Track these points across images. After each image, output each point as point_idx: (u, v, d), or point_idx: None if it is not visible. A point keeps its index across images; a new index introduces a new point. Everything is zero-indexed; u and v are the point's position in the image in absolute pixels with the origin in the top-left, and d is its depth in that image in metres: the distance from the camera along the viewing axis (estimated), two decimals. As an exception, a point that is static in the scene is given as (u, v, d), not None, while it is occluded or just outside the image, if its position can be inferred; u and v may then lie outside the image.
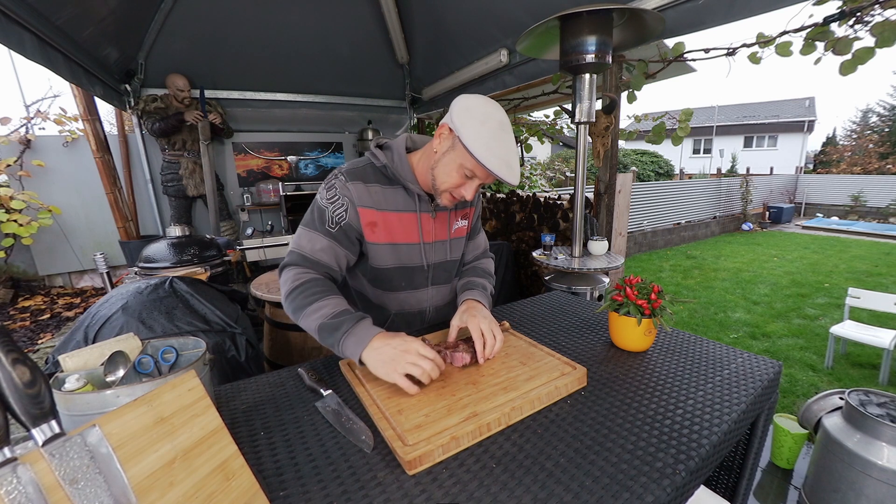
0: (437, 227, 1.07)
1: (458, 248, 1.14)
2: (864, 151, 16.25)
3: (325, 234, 0.96)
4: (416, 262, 1.07)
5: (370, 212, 0.98)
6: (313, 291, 0.88)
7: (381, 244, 1.01)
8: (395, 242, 1.02)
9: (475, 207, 1.17)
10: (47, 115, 3.70)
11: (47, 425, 0.39)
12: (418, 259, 1.07)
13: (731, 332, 3.81)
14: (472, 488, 0.57)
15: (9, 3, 1.59)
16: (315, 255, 0.95)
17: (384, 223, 1.00)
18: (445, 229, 1.09)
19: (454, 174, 0.91)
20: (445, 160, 0.91)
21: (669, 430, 0.68)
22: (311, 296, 0.87)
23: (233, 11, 3.10)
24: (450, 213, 1.09)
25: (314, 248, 0.95)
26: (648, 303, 0.91)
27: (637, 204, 7.53)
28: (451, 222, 1.10)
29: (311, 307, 0.86)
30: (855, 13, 1.46)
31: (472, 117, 0.85)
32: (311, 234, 0.96)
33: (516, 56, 2.74)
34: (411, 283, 1.10)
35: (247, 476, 0.54)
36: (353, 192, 0.96)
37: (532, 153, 9.42)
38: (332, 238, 0.96)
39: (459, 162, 0.89)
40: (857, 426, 1.02)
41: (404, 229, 1.03)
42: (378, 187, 0.99)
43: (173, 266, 2.24)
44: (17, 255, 3.64)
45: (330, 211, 0.96)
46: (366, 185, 0.98)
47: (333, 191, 0.97)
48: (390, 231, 1.01)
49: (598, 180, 2.31)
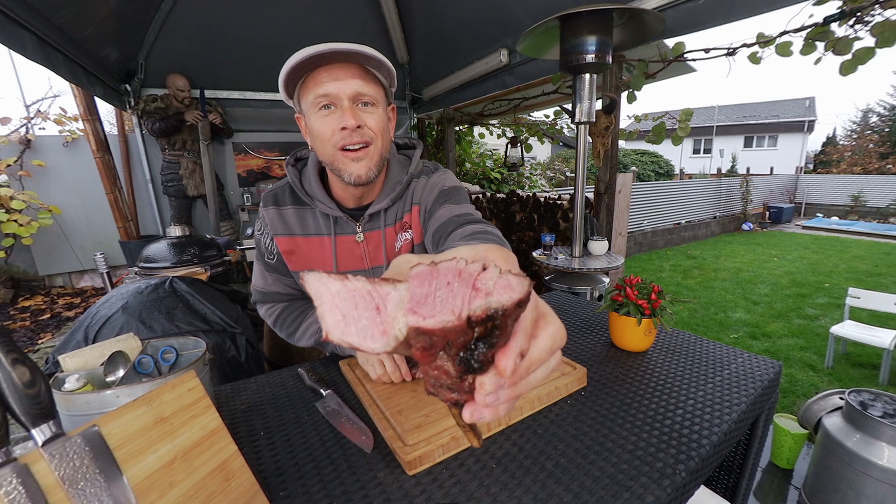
0: (370, 250, 0.88)
1: None
2: (864, 151, 16.26)
3: (268, 269, 0.91)
4: None
5: (284, 240, 0.88)
6: (291, 319, 0.89)
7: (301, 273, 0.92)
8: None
9: (419, 204, 0.87)
10: (47, 115, 3.70)
11: (47, 425, 0.39)
12: None
13: (732, 332, 3.81)
14: (472, 488, 0.57)
15: (9, 3, 1.59)
16: (269, 289, 0.93)
17: (304, 250, 0.87)
18: (381, 252, 0.88)
19: (316, 126, 0.73)
20: (310, 129, 0.76)
21: (669, 430, 0.68)
22: (292, 323, 0.89)
23: (233, 11, 3.10)
24: (384, 230, 0.87)
25: (266, 284, 0.93)
26: (648, 303, 0.91)
27: (637, 204, 7.52)
28: (387, 241, 0.88)
29: (298, 332, 0.88)
30: (855, 13, 1.46)
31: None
32: (260, 269, 0.93)
33: (516, 56, 2.74)
34: None
35: (247, 476, 0.54)
36: (267, 220, 0.88)
37: (532, 153, 9.41)
38: (273, 271, 0.91)
39: (308, 110, 0.74)
40: (857, 426, 1.02)
41: (325, 257, 0.87)
42: (292, 210, 0.87)
43: (173, 266, 2.24)
44: (17, 255, 3.64)
45: (262, 243, 0.91)
46: (278, 210, 0.87)
47: (259, 221, 0.91)
48: (308, 259, 0.88)
49: (598, 180, 2.31)
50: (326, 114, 0.72)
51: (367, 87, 0.73)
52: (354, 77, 0.71)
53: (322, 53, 0.66)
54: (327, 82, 0.70)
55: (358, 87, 0.71)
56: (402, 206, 0.89)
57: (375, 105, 0.75)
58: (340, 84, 0.70)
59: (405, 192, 0.89)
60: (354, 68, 0.72)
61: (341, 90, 0.70)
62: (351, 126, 0.72)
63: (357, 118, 0.72)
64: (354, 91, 0.71)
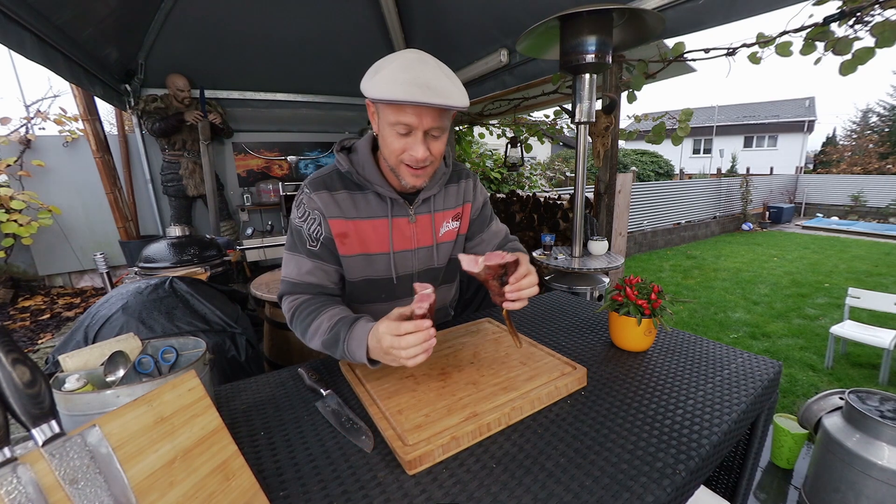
0: (419, 231, 0.98)
1: (445, 253, 1.04)
2: (864, 151, 16.25)
3: (308, 256, 0.91)
4: (384, 273, 0.97)
5: (339, 222, 0.90)
6: (307, 313, 0.84)
7: (353, 256, 0.93)
8: (369, 253, 0.94)
9: (471, 203, 1.06)
10: (47, 115, 3.70)
11: (47, 425, 0.39)
12: (386, 270, 0.97)
13: (731, 332, 3.81)
14: (472, 488, 0.57)
15: (9, 3, 1.59)
16: (302, 279, 0.90)
17: (356, 233, 0.92)
18: (430, 234, 0.99)
19: (389, 139, 0.81)
20: (382, 133, 0.83)
21: (669, 430, 0.68)
22: (307, 318, 0.84)
23: (233, 11, 3.10)
24: (433, 214, 0.99)
25: (300, 273, 0.91)
26: (648, 303, 0.91)
27: (637, 204, 7.52)
28: (436, 225, 1.00)
29: (311, 329, 0.83)
30: (855, 13, 1.46)
31: (373, 70, 0.77)
32: (295, 258, 0.91)
33: (516, 56, 2.74)
34: (391, 294, 1.01)
35: (247, 476, 0.54)
36: (320, 204, 0.89)
37: (532, 153, 9.42)
38: (315, 258, 0.91)
39: (386, 122, 0.80)
40: (857, 426, 1.02)
41: (378, 238, 0.94)
42: (345, 194, 0.91)
43: (173, 266, 2.24)
44: (17, 255, 3.64)
45: (306, 230, 0.90)
46: (331, 194, 0.90)
47: (302, 208, 0.91)
48: (363, 241, 0.93)
49: (598, 180, 2.31)
50: (402, 134, 0.79)
51: (442, 121, 0.80)
52: (435, 116, 0.78)
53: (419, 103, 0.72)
54: (412, 116, 0.77)
55: (435, 122, 0.79)
56: (449, 196, 1.02)
57: (443, 132, 0.83)
58: (422, 120, 0.77)
59: (454, 186, 1.03)
60: (438, 108, 0.77)
61: (420, 125, 0.78)
62: (421, 158, 0.81)
63: (427, 149, 0.81)
64: (431, 126, 0.79)
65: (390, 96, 0.72)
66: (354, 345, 0.76)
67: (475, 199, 1.08)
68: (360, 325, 0.77)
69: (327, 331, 0.80)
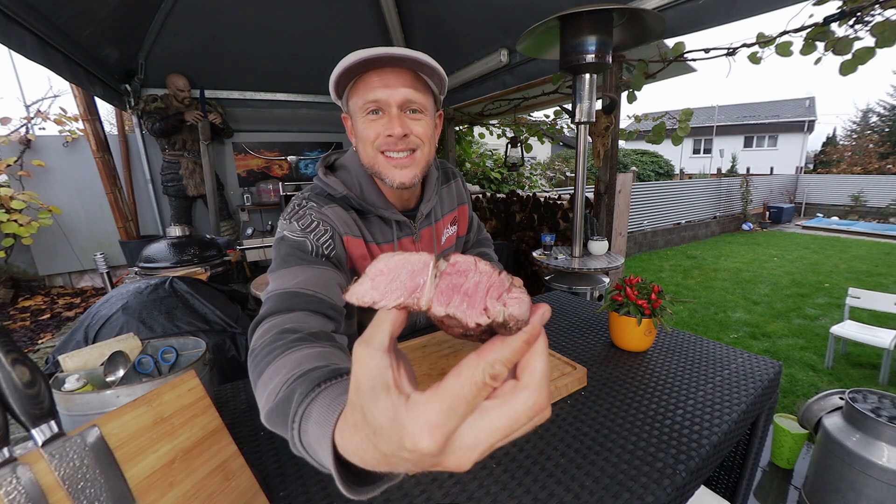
0: (424, 248, 0.90)
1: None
2: (864, 151, 16.26)
3: (311, 264, 0.70)
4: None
5: (359, 243, 0.79)
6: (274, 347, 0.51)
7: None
8: None
9: (466, 204, 1.03)
10: (47, 115, 3.69)
11: (47, 425, 0.39)
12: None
13: (732, 332, 3.81)
14: (472, 488, 0.57)
15: (9, 3, 1.59)
16: (298, 287, 0.64)
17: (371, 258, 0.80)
18: (432, 247, 0.93)
19: (363, 130, 0.73)
20: (356, 132, 0.76)
21: (669, 430, 0.68)
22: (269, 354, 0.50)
23: (233, 11, 3.10)
24: (434, 226, 0.92)
25: (297, 281, 0.66)
26: (648, 303, 0.91)
27: (637, 204, 7.52)
28: (437, 236, 0.94)
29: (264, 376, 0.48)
30: (855, 13, 1.46)
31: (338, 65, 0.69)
32: (291, 269, 0.68)
33: (516, 56, 2.74)
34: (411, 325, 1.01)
35: (247, 476, 0.54)
36: (333, 219, 0.76)
37: (532, 153, 9.41)
38: (319, 266, 0.70)
39: (357, 112, 0.73)
40: (857, 426, 1.02)
41: None
42: (355, 215, 0.80)
43: (173, 266, 2.24)
44: (17, 255, 3.64)
45: (311, 240, 0.72)
46: (346, 211, 0.79)
47: (307, 218, 0.74)
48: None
49: (598, 180, 2.31)
50: (374, 118, 0.72)
51: (417, 94, 0.72)
52: (406, 84, 0.70)
53: (375, 57, 0.65)
54: (378, 88, 0.69)
55: (408, 94, 0.70)
56: (443, 200, 0.97)
57: (424, 112, 0.75)
58: (391, 91, 0.69)
59: (445, 188, 0.97)
60: (406, 74, 0.70)
61: (391, 97, 0.70)
62: (397, 135, 0.71)
63: (404, 126, 0.71)
64: (404, 98, 0.70)
65: (347, 63, 0.66)
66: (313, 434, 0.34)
67: (467, 198, 1.05)
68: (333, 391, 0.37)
69: (280, 387, 0.44)
